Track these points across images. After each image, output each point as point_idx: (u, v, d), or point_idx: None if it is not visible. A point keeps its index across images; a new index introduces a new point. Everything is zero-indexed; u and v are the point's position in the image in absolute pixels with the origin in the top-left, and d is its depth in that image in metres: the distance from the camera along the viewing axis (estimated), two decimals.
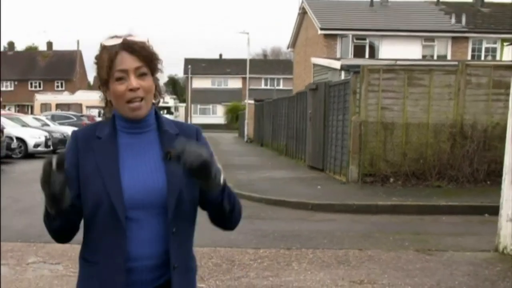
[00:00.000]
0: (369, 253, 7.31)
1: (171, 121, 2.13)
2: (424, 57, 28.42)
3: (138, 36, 2.00)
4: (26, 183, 13.53)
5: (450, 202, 10.39)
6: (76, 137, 2.05)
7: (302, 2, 32.14)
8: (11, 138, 20.00)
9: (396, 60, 16.00)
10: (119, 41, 1.96)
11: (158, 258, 1.96)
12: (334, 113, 14.09)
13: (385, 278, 6.23)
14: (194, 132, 2.13)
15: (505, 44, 7.60)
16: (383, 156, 12.30)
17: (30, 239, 7.74)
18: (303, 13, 32.46)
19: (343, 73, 14.03)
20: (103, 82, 1.98)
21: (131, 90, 1.92)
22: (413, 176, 12.18)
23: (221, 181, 1.91)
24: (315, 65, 22.80)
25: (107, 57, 1.94)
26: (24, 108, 60.28)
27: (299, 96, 19.25)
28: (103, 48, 1.98)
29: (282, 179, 14.05)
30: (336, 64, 15.35)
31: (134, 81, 1.92)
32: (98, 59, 1.99)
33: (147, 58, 1.96)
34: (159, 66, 2.03)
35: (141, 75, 1.94)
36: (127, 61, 1.93)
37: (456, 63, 12.91)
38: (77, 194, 1.97)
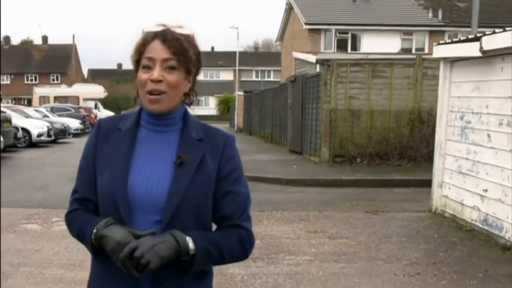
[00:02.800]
0: (326, 213, 9.06)
1: (200, 125, 1.98)
2: (403, 50, 30.07)
3: (182, 29, 1.89)
4: (36, 167, 15.28)
5: (405, 177, 12.14)
6: (99, 126, 1.99)
7: None
8: (16, 128, 21.46)
9: (368, 53, 17.72)
10: (161, 28, 1.87)
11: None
12: (310, 102, 15.85)
13: (335, 229, 7.97)
14: (223, 141, 1.95)
15: (434, 44, 9.24)
16: (351, 139, 14.05)
17: (50, 207, 9.42)
18: (289, 9, 34.06)
19: (318, 66, 15.72)
20: (134, 68, 1.89)
21: (152, 81, 1.82)
22: (377, 156, 13.93)
23: (194, 264, 1.80)
24: (296, 59, 24.51)
25: (141, 42, 1.86)
26: (21, 101, 61.08)
27: (282, 87, 21.02)
28: (143, 33, 1.90)
29: (264, 161, 15.81)
30: (312, 58, 17.06)
31: (157, 72, 1.81)
32: (137, 44, 1.90)
33: (179, 52, 1.83)
34: (194, 66, 1.91)
35: (169, 68, 1.83)
36: (157, 50, 1.82)
37: (414, 57, 14.65)
38: (95, 188, 1.93)
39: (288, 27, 35.24)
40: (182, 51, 1.82)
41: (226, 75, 68.14)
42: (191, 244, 1.77)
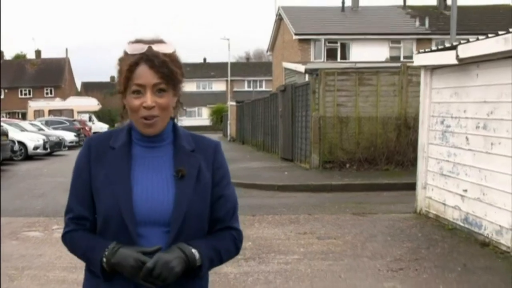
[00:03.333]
0: (315, 216, 9.43)
1: (189, 135, 2.05)
2: (391, 58, 30.58)
3: (164, 45, 1.90)
4: (34, 177, 15.66)
5: (392, 180, 12.54)
6: (89, 145, 2.01)
7: (279, 9, 34.28)
8: (13, 142, 21.78)
9: (356, 62, 18.17)
10: (143, 48, 1.86)
11: None
12: (299, 110, 16.28)
13: (323, 230, 8.36)
14: (212, 148, 2.06)
15: (414, 52, 9.67)
16: (340, 145, 14.47)
17: (50, 215, 9.77)
18: (279, 19, 34.59)
19: (307, 75, 16.16)
20: (120, 90, 1.92)
21: (145, 108, 1.86)
22: (365, 161, 14.35)
23: (201, 272, 1.94)
24: (285, 68, 24.99)
25: (127, 67, 1.85)
26: (15, 115, 61.17)
27: (272, 97, 21.46)
28: (126, 54, 1.90)
29: (256, 168, 16.20)
30: (301, 68, 17.51)
31: (149, 99, 1.85)
32: (120, 64, 1.92)
33: (167, 76, 1.86)
34: (181, 81, 1.95)
35: (158, 91, 1.86)
36: (146, 76, 1.84)
37: (399, 65, 15.11)
38: (91, 207, 1.98)
39: (279, 37, 35.72)
40: (169, 74, 1.86)
41: (218, 86, 68.62)
42: (197, 256, 1.88)
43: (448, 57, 8.05)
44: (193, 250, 1.89)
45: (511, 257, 6.64)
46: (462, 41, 7.74)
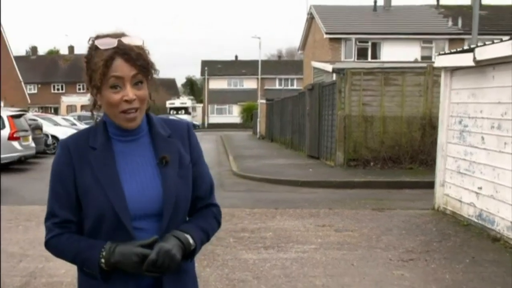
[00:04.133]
0: (336, 210, 9.79)
1: (162, 121, 2.07)
2: (422, 58, 30.60)
3: (132, 38, 1.90)
4: None
5: (414, 179, 12.81)
6: (67, 148, 1.97)
7: (310, 8, 34.55)
8: (46, 135, 22.54)
9: (384, 62, 18.40)
10: (113, 43, 1.84)
11: None
12: (326, 109, 16.61)
13: (341, 223, 8.72)
14: (186, 129, 2.09)
15: (436, 54, 9.96)
16: (365, 144, 14.77)
17: None
18: (311, 18, 34.83)
19: (334, 75, 16.48)
20: (95, 86, 1.88)
21: (127, 101, 1.85)
22: (389, 160, 14.62)
23: (195, 254, 2.02)
24: (314, 67, 25.28)
25: (102, 62, 1.82)
26: (48, 109, 62.31)
27: (301, 95, 21.81)
28: (95, 49, 1.87)
29: (282, 165, 16.58)
30: (329, 67, 17.83)
31: (130, 92, 1.84)
32: (89, 60, 1.89)
33: (143, 67, 1.86)
34: (153, 71, 1.94)
35: (136, 84, 1.86)
36: (123, 69, 1.83)
37: (425, 65, 15.33)
38: (76, 209, 1.95)
39: (310, 36, 35.97)
40: (145, 65, 1.86)
41: (249, 84, 68.93)
42: (191, 241, 1.94)
43: (466, 59, 8.33)
44: (187, 235, 1.94)
45: None
46: (487, 42, 7.98)
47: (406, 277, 6.01)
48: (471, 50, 8.28)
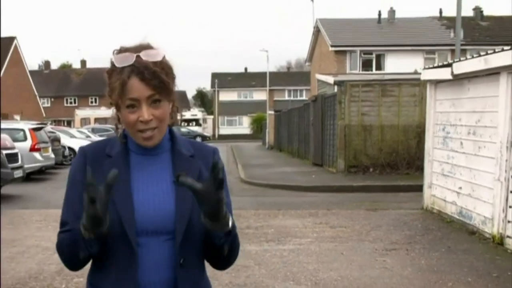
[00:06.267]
0: (333, 211, 10.77)
1: (187, 141, 1.99)
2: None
3: (153, 52, 1.80)
4: None
5: (409, 182, 13.76)
6: (84, 154, 1.91)
7: (316, 21, 35.60)
8: (64, 147, 23.59)
9: (384, 74, 19.38)
10: (130, 60, 1.76)
11: (167, 284, 1.83)
12: (328, 119, 17.66)
13: (337, 221, 9.70)
14: (211, 153, 1.97)
15: (422, 68, 10.94)
16: (364, 151, 15.76)
17: None
18: (317, 31, 35.85)
19: (336, 87, 17.48)
20: (115, 104, 1.84)
21: (143, 122, 1.77)
22: (387, 166, 15.59)
23: (229, 224, 1.78)
24: (318, 80, 26.34)
25: (118, 82, 1.77)
26: (61, 123, 63.16)
27: (306, 106, 22.88)
28: (113, 66, 1.81)
29: (287, 173, 17.61)
30: (331, 80, 18.85)
31: (146, 113, 1.76)
32: (110, 76, 1.83)
33: (159, 87, 1.76)
34: (173, 89, 1.84)
35: (154, 102, 1.78)
36: (138, 89, 1.75)
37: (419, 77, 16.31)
38: None
39: (316, 48, 36.95)
40: (161, 85, 1.76)
41: (259, 95, 69.75)
42: (230, 222, 1.78)
43: (446, 73, 9.34)
44: (230, 216, 1.80)
45: (491, 242, 7.88)
46: (481, 53, 8.70)
47: (387, 263, 6.98)
48: (449, 65, 9.27)
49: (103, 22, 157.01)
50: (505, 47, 7.72)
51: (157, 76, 1.75)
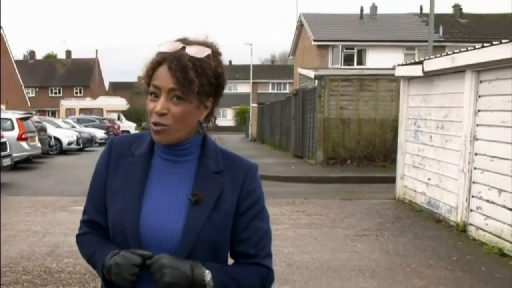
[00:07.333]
0: (310, 200, 11.29)
1: (219, 153, 1.80)
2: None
3: (200, 48, 1.67)
4: (71, 168, 17.81)
5: (384, 174, 14.31)
6: (111, 145, 1.85)
7: (300, 16, 36.06)
8: (49, 137, 23.88)
9: (363, 69, 19.92)
10: (173, 47, 1.66)
11: None
12: (308, 113, 18.20)
13: (313, 209, 10.22)
14: (243, 172, 1.79)
15: (396, 64, 11.48)
16: (342, 144, 16.33)
17: None
18: (300, 26, 36.30)
19: (316, 81, 17.98)
20: (146, 90, 1.72)
21: (156, 113, 1.65)
22: (365, 158, 16.16)
23: None
24: (300, 74, 26.86)
25: (150, 66, 1.68)
26: (45, 113, 62.91)
27: (287, 100, 23.43)
28: (157, 51, 1.69)
29: (268, 164, 18.09)
30: (312, 74, 19.34)
31: (160, 105, 1.64)
32: (146, 64, 1.71)
33: (182, 83, 1.62)
34: (208, 94, 1.71)
35: (176, 98, 1.64)
36: (163, 78, 1.64)
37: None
38: (104, 212, 1.80)
39: (300, 43, 37.42)
40: (185, 83, 1.62)
41: (243, 88, 70.13)
42: (207, 279, 1.65)
43: (417, 70, 9.87)
44: (206, 271, 1.67)
45: (455, 229, 8.45)
46: (455, 51, 9.14)
47: (357, 247, 7.51)
48: (420, 62, 9.81)
49: (87, 13, 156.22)
50: (471, 47, 8.26)
51: (184, 70, 1.62)
